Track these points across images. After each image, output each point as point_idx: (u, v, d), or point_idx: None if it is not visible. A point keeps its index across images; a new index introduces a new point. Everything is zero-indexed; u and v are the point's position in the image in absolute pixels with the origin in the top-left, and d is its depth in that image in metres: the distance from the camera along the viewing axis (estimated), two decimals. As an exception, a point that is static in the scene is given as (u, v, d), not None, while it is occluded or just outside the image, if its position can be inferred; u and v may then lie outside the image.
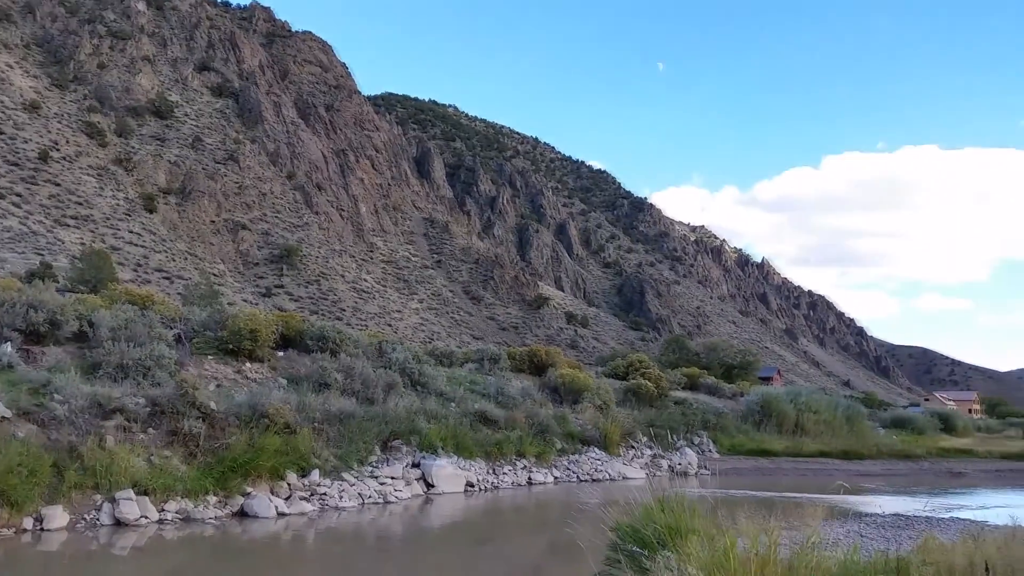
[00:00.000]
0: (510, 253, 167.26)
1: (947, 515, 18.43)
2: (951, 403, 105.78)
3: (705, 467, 29.19)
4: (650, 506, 7.80)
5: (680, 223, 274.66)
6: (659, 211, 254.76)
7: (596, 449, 26.88)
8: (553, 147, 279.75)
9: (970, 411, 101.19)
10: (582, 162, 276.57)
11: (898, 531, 14.69)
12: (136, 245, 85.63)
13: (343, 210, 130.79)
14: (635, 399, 34.54)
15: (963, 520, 16.74)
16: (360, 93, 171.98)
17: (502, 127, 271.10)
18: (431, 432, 21.30)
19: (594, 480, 23.84)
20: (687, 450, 30.63)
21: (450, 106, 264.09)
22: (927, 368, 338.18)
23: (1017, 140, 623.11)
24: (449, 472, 20.29)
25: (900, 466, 34.36)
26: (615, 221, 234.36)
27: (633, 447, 29.15)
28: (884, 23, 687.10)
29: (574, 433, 26.95)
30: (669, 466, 28.49)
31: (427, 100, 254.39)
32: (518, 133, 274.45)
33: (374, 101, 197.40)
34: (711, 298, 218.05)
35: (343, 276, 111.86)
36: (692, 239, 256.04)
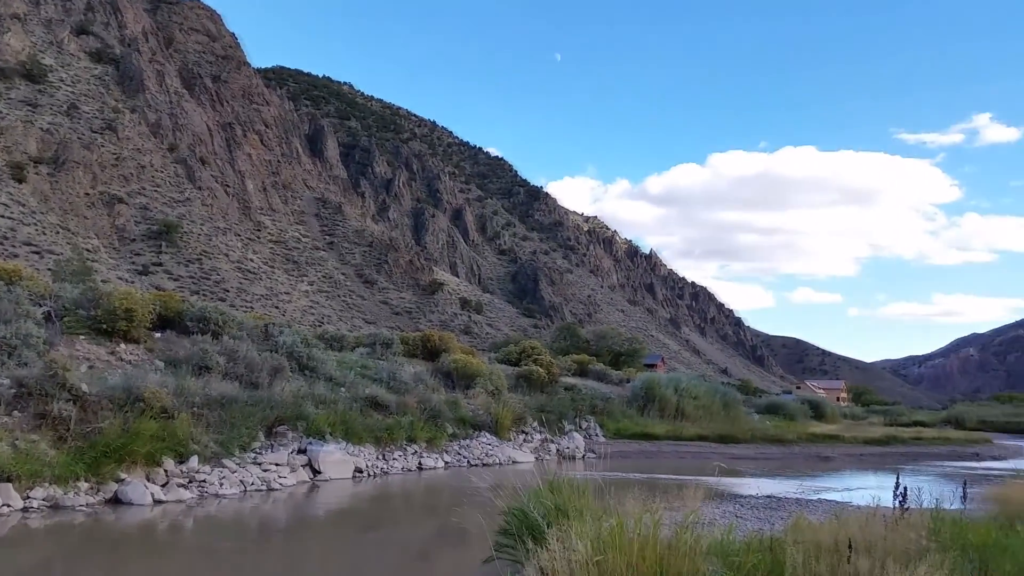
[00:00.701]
0: (405, 237, 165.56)
1: (816, 497, 19.59)
2: (821, 391, 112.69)
3: (592, 451, 29.83)
4: (539, 489, 7.90)
5: (574, 213, 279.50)
6: (554, 200, 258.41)
7: (487, 434, 27.05)
8: (451, 132, 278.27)
9: (838, 399, 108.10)
10: (480, 148, 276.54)
11: (771, 512, 15.50)
12: (2, 217, 79.51)
13: (228, 186, 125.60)
14: (527, 385, 34.97)
15: (830, 501, 17.84)
16: (250, 65, 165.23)
17: (399, 108, 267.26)
18: (319, 417, 20.83)
19: (485, 465, 23.99)
20: (575, 434, 31.26)
21: (345, 84, 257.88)
22: (799, 358, 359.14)
23: (887, 145, 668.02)
24: (337, 458, 19.91)
25: (773, 450, 36.24)
26: (511, 209, 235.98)
27: (524, 432, 29.51)
28: (770, 29, 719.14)
29: (466, 418, 27.01)
30: (558, 450, 29.02)
31: (321, 76, 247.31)
32: (415, 115, 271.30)
33: (265, 74, 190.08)
34: (602, 287, 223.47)
35: (227, 255, 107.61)
36: (585, 229, 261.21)
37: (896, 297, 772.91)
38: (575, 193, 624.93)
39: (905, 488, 7.34)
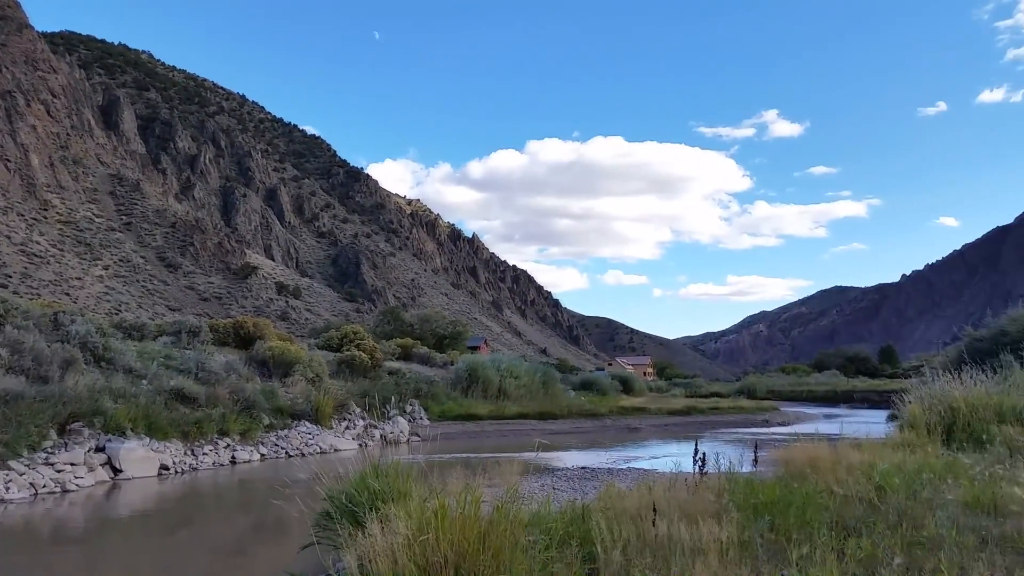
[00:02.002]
0: (213, 218, 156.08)
1: (625, 466, 20.82)
2: (630, 367, 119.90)
3: (417, 434, 29.85)
4: (363, 474, 7.80)
5: (397, 195, 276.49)
6: (376, 182, 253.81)
7: (307, 423, 26.27)
8: (263, 107, 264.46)
9: (645, 374, 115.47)
10: (295, 126, 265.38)
11: (585, 482, 16.29)
12: None
13: (9, 161, 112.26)
14: (349, 370, 34.33)
15: (638, 469, 19.02)
16: (32, 28, 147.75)
17: (204, 80, 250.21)
18: (119, 412, 19.27)
19: (305, 455, 23.29)
20: (399, 419, 31.13)
21: (144, 52, 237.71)
22: (611, 336, 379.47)
23: (687, 137, 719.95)
24: (140, 455, 18.54)
25: (587, 424, 38.08)
26: (330, 190, 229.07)
27: (346, 419, 28.96)
28: (583, 22, 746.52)
29: (283, 408, 26.06)
30: (382, 435, 28.77)
31: (116, 43, 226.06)
32: (223, 88, 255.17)
33: (51, 39, 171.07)
34: (425, 271, 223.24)
35: (9, 237, 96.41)
36: (408, 212, 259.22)
37: (695, 278, 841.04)
38: (397, 175, 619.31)
39: (703, 454, 7.99)
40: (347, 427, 28.41)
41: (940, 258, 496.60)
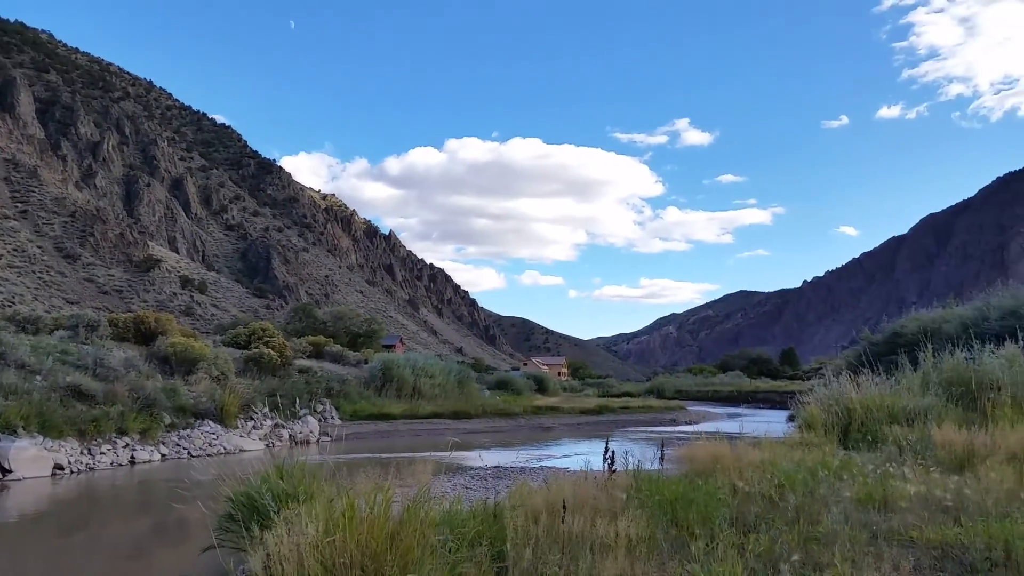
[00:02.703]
0: (115, 207, 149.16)
1: (538, 464, 20.99)
2: (544, 367, 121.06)
3: (327, 434, 29.33)
4: (268, 474, 7.60)
5: (311, 189, 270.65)
6: (289, 175, 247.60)
7: (211, 422, 25.40)
8: (170, 94, 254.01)
9: (559, 374, 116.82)
10: (204, 114, 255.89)
11: (497, 481, 16.35)
12: None
13: None
14: (257, 368, 33.37)
15: (550, 468, 19.20)
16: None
17: (109, 64, 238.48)
18: (9, 409, 18.24)
19: (209, 455, 22.52)
20: (309, 418, 30.50)
21: (43, 31, 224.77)
22: (527, 336, 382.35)
23: (603, 142, 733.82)
24: (32, 454, 17.56)
25: (502, 423, 38.24)
26: (240, 181, 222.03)
27: (252, 418, 28.15)
28: (504, 20, 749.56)
29: (186, 406, 25.12)
30: (290, 435, 28.11)
31: (12, 20, 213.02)
32: (129, 73, 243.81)
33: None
34: (340, 267, 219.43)
35: None
36: (323, 207, 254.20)
37: (609, 280, 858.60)
38: (312, 169, 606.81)
39: (613, 452, 8.15)
40: (254, 427, 27.62)
41: (840, 265, 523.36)
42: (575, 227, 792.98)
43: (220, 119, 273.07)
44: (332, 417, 32.63)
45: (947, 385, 13.16)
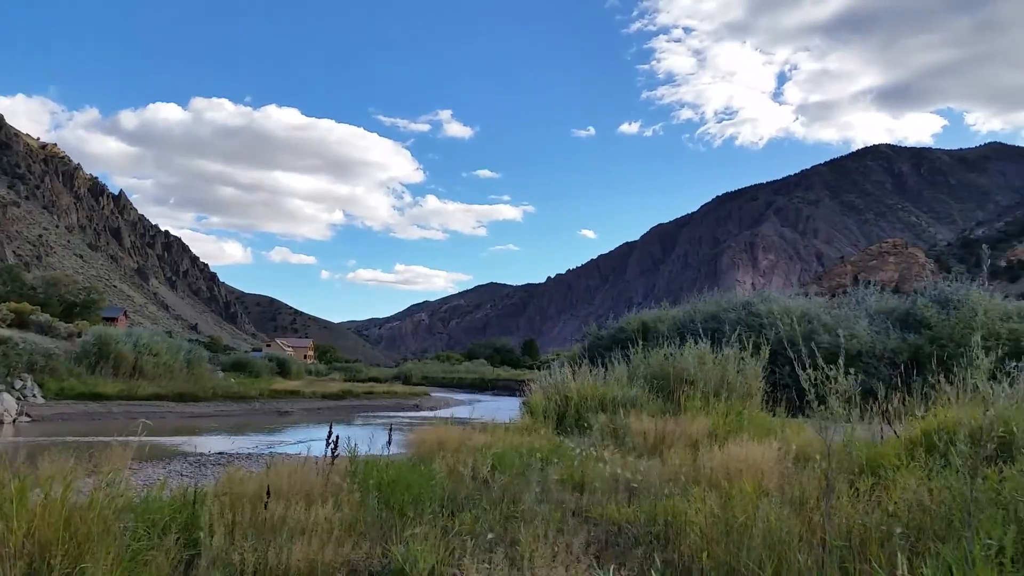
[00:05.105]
0: None
1: (268, 451, 20.20)
2: (290, 349, 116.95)
3: (28, 414, 26.38)
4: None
5: (28, 136, 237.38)
6: (2, 118, 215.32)
7: None
8: None
9: (306, 357, 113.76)
10: None
11: (218, 468, 15.48)
12: None
13: None
14: (-63, 337, 28.71)
15: (280, 453, 18.58)
16: None
17: None
18: None
19: None
20: (5, 396, 26.93)
21: None
22: (273, 316, 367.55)
23: (365, 122, 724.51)
24: None
25: (234, 407, 36.36)
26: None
27: (-73, 394, 24.17)
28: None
29: None
30: (-23, 414, 24.54)
31: None
32: None
33: None
34: (57, 227, 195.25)
35: None
36: (41, 157, 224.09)
37: (365, 264, 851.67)
38: (31, 114, 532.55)
39: (337, 437, 8.08)
40: (-70, 404, 23.73)
41: (579, 265, 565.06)
42: (332, 206, 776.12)
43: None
44: (34, 395, 29.14)
45: (651, 378, 14.69)
